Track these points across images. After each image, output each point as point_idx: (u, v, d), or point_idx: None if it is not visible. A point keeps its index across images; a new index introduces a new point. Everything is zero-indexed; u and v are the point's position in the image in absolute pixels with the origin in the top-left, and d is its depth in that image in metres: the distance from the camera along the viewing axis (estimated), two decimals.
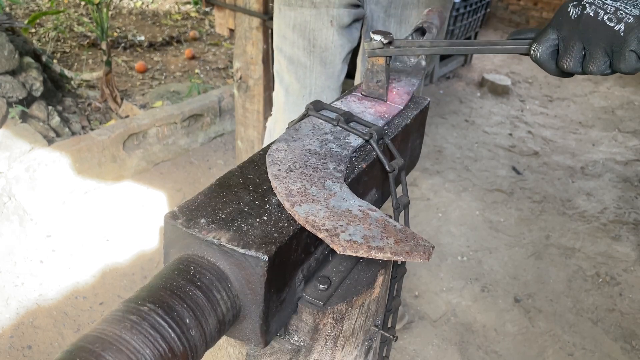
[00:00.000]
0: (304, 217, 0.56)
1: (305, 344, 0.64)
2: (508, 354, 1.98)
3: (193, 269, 0.54)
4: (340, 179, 0.64)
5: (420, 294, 2.23)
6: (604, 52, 0.68)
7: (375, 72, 0.87)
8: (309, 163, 0.67)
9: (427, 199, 2.89)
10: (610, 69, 0.69)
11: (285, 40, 1.55)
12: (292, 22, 1.50)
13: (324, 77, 1.55)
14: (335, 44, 1.50)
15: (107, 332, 0.45)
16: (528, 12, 6.53)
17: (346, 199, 0.60)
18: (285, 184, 0.61)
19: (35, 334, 1.90)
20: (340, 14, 1.46)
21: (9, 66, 2.63)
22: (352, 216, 0.57)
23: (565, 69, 0.72)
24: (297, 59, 1.54)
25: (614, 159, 3.48)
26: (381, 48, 0.85)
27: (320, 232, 0.54)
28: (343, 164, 0.68)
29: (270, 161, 0.66)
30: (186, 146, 3.11)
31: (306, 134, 0.74)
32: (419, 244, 0.54)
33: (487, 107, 4.16)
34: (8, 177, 2.31)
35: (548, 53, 0.73)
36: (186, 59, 4.26)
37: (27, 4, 4.64)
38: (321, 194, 0.60)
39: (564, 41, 0.72)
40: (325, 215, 0.56)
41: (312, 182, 0.63)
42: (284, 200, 0.59)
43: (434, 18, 0.98)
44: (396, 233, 0.55)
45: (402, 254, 0.52)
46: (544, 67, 0.75)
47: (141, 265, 2.26)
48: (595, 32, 0.68)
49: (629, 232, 2.73)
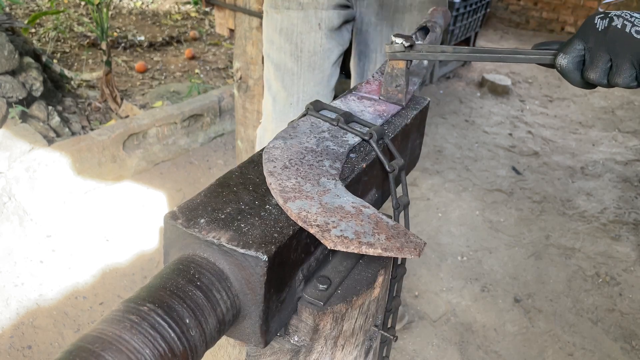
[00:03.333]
0: (297, 213, 0.56)
1: (305, 344, 0.64)
2: (508, 354, 1.98)
3: (193, 269, 0.54)
4: (335, 176, 0.65)
5: (420, 294, 2.23)
6: (630, 65, 0.67)
7: (395, 76, 0.86)
8: (304, 160, 0.67)
9: (427, 199, 2.89)
10: (637, 82, 0.68)
11: (272, 46, 1.48)
12: (279, 25, 1.44)
13: (312, 84, 1.48)
14: (324, 47, 1.43)
15: (107, 332, 0.45)
16: (528, 12, 6.53)
17: (340, 195, 0.61)
18: (280, 180, 0.62)
19: (35, 334, 1.90)
20: (329, 16, 1.40)
21: (9, 66, 2.64)
22: (345, 212, 0.57)
23: (590, 79, 0.71)
24: (283, 64, 1.47)
25: (614, 159, 3.48)
26: (402, 52, 0.83)
27: (312, 228, 0.54)
28: (339, 161, 0.69)
29: (267, 158, 0.67)
30: (186, 146, 3.11)
31: (304, 132, 0.74)
32: (410, 240, 0.54)
33: (487, 107, 4.16)
34: (8, 177, 2.31)
35: (574, 63, 0.72)
36: (186, 59, 4.26)
37: (27, 4, 4.64)
38: (315, 191, 0.61)
39: (591, 52, 0.71)
40: (318, 211, 0.57)
41: (306, 179, 0.63)
42: (278, 197, 0.59)
43: (439, 17, 0.98)
44: (388, 229, 0.55)
45: (393, 249, 0.53)
46: (568, 78, 0.74)
47: (141, 265, 2.26)
48: (623, 44, 0.68)
49: (629, 232, 2.73)
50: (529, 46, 0.80)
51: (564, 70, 0.74)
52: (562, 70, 0.74)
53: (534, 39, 6.08)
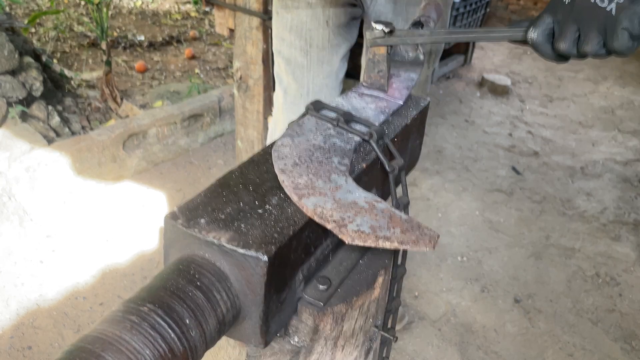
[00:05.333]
0: (312, 209, 0.57)
1: (305, 344, 0.64)
2: (508, 354, 1.98)
3: (193, 269, 0.54)
4: (344, 172, 0.66)
5: (420, 294, 2.23)
6: (597, 33, 0.70)
7: (377, 62, 0.88)
8: (314, 157, 0.68)
9: (427, 199, 2.89)
10: (605, 49, 0.72)
11: (283, 42, 1.57)
12: (289, 23, 1.52)
13: (321, 76, 1.57)
14: (332, 43, 1.52)
15: (107, 333, 0.45)
16: (528, 12, 6.54)
17: (352, 191, 0.61)
18: (292, 177, 0.63)
19: (35, 334, 1.90)
20: (336, 13, 1.48)
21: (9, 66, 2.63)
22: (359, 207, 0.58)
23: (561, 50, 0.74)
24: (294, 59, 1.56)
25: (614, 159, 3.48)
26: (382, 37, 0.85)
27: (329, 223, 0.55)
28: (347, 157, 0.69)
29: (276, 156, 0.67)
30: (186, 146, 3.11)
31: (310, 129, 0.75)
32: (425, 233, 0.55)
33: (487, 107, 4.16)
34: (8, 177, 2.31)
35: (544, 36, 0.75)
36: (186, 59, 4.26)
37: (27, 4, 4.64)
38: (327, 187, 0.61)
39: (559, 24, 0.74)
40: (333, 207, 0.57)
41: (318, 175, 0.64)
42: (292, 193, 0.60)
43: (431, 11, 0.99)
44: (402, 223, 0.56)
45: (409, 242, 0.53)
46: (540, 50, 0.77)
47: (141, 266, 2.26)
48: (588, 13, 0.71)
49: (629, 232, 2.73)
50: (527, 47, 0.82)
51: (535, 44, 0.77)
52: (534, 44, 0.77)
53: None
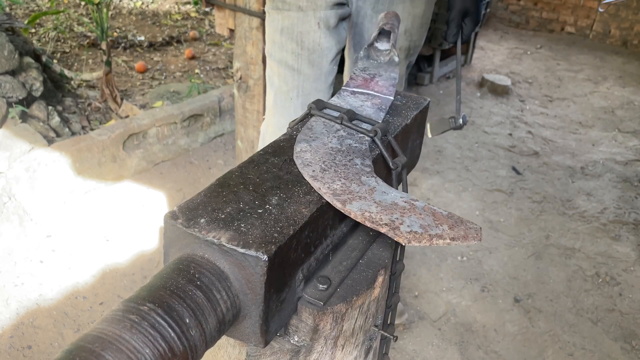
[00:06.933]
0: (361, 215, 0.56)
1: (305, 344, 0.64)
2: (508, 354, 1.98)
3: (193, 268, 0.54)
4: (371, 174, 0.66)
5: (420, 294, 2.23)
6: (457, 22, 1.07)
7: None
8: (337, 161, 0.68)
9: (427, 199, 2.89)
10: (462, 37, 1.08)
11: (274, 45, 1.56)
12: (280, 25, 1.52)
13: (311, 79, 1.56)
14: (323, 46, 1.51)
15: (107, 332, 0.45)
16: (528, 12, 6.53)
17: (387, 192, 0.61)
18: (327, 184, 0.62)
19: (35, 334, 1.90)
20: (327, 15, 1.47)
21: (9, 66, 2.63)
22: (401, 208, 0.58)
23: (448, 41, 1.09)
24: (285, 61, 1.55)
25: (614, 159, 3.48)
26: None
27: (382, 227, 0.54)
28: (367, 158, 0.70)
29: (301, 163, 0.67)
30: (186, 146, 3.11)
31: (321, 132, 0.75)
32: (470, 227, 0.55)
33: (487, 107, 4.16)
34: (8, 177, 2.31)
35: None
36: (186, 59, 4.26)
37: (27, 4, 4.64)
38: (363, 190, 0.61)
39: None
40: (378, 210, 0.57)
41: (349, 179, 0.64)
42: (334, 201, 0.59)
43: (393, 19, 0.99)
44: (446, 219, 0.56)
45: (459, 238, 0.54)
46: None
47: (141, 265, 2.26)
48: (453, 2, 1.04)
49: (629, 232, 2.73)
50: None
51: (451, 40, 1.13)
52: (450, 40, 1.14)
53: (534, 39, 6.08)
